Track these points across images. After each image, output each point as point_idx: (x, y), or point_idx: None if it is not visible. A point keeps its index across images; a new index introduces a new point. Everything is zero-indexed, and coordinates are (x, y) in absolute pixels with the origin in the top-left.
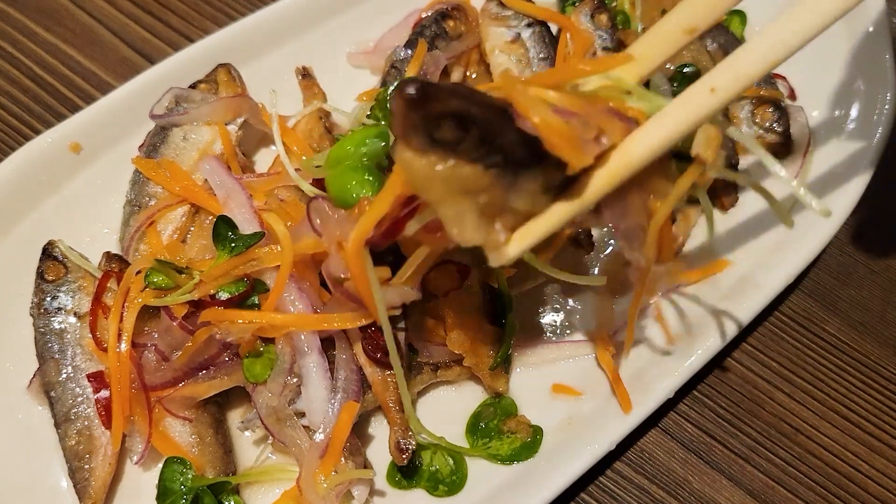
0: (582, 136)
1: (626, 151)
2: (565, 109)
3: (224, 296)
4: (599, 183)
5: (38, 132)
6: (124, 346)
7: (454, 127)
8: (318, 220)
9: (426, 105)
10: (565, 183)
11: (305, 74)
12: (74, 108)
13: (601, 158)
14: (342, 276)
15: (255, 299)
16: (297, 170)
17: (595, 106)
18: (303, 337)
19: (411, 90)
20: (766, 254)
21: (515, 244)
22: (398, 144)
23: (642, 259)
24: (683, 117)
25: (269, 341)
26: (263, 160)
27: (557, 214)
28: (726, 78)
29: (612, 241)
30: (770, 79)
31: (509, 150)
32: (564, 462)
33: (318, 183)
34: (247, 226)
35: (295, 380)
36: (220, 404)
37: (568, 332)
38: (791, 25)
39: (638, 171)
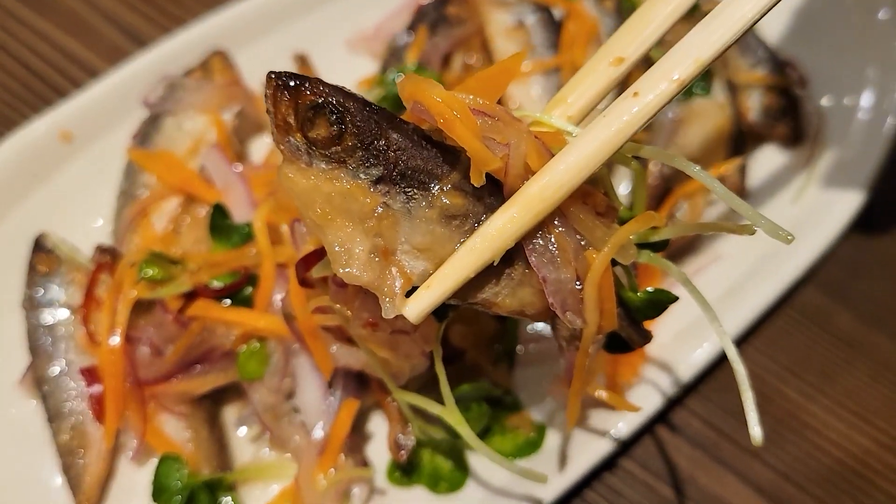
0: (488, 135)
1: (546, 173)
2: (478, 109)
3: (217, 285)
4: (516, 215)
5: (27, 119)
6: (118, 340)
7: (329, 123)
8: (300, 245)
9: (298, 91)
10: (475, 223)
11: (302, 61)
12: (65, 95)
13: (514, 183)
14: (290, 311)
15: (249, 291)
16: None
17: (515, 121)
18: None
19: (283, 75)
20: (775, 246)
21: (417, 303)
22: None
23: (578, 321)
24: (608, 130)
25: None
26: (259, 149)
27: (467, 258)
28: (649, 81)
29: None
30: (781, 66)
31: (393, 160)
32: (568, 459)
33: None
34: (245, 220)
35: (289, 379)
36: (214, 400)
37: None
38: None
39: (563, 197)
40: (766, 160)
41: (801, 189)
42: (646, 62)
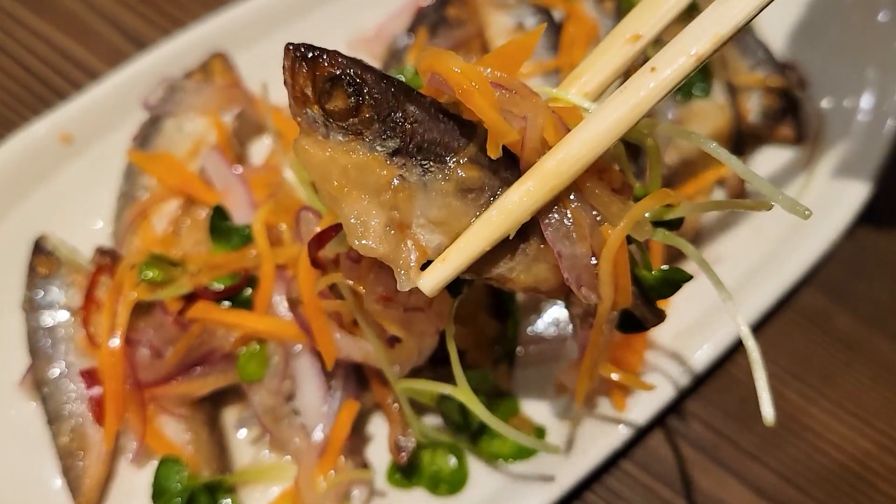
0: (506, 108)
1: (562, 147)
2: (496, 81)
3: (217, 287)
4: (532, 189)
5: (27, 121)
6: (118, 342)
7: (347, 94)
8: (306, 233)
9: (316, 63)
10: (491, 197)
11: None
12: (65, 97)
13: (530, 157)
14: (295, 296)
15: (249, 293)
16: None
17: (532, 94)
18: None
19: (301, 46)
20: (775, 247)
21: (432, 276)
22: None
23: (593, 297)
24: (624, 105)
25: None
26: (259, 151)
27: (482, 231)
28: (667, 56)
29: None
30: (781, 67)
31: (410, 132)
32: (568, 461)
33: None
34: (245, 222)
35: (289, 381)
36: (214, 402)
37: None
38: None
39: (579, 171)
40: (766, 162)
41: (801, 191)
42: (643, 62)
